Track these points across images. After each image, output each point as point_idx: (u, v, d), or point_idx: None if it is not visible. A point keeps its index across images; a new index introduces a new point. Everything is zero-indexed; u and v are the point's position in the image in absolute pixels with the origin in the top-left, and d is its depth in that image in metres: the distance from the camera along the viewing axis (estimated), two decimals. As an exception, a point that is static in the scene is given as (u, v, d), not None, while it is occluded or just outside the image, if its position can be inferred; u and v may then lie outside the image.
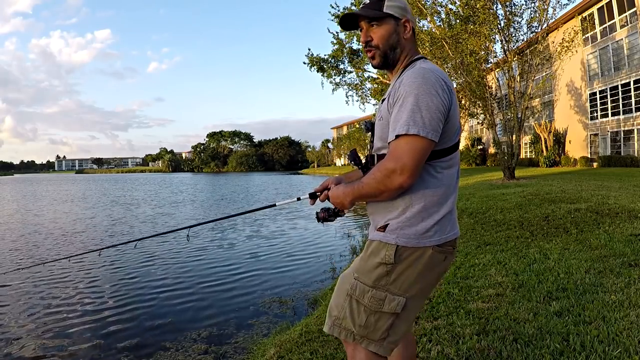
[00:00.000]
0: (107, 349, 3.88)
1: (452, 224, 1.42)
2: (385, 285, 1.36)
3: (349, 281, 1.45)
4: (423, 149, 1.26)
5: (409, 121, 1.25)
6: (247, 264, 7.11)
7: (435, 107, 1.27)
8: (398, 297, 1.36)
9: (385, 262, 1.35)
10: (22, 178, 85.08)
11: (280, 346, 3.10)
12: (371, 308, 1.37)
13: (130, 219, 13.55)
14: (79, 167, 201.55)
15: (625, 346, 2.23)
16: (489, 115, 14.22)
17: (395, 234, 1.35)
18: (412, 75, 1.32)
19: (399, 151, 1.26)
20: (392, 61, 1.47)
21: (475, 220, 6.82)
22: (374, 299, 1.37)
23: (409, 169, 1.25)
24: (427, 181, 1.36)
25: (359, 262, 1.45)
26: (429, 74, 1.31)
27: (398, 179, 1.26)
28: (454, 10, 13.98)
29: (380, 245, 1.38)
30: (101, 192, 29.06)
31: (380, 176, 1.29)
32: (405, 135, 1.26)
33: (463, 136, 37.14)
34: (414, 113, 1.26)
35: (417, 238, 1.34)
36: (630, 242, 4.32)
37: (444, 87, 1.31)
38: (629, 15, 20.54)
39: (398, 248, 1.34)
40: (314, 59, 22.79)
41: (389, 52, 1.46)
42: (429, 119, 1.26)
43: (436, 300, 3.31)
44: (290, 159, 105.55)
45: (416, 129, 1.25)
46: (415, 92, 1.28)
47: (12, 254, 8.27)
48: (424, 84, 1.28)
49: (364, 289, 1.39)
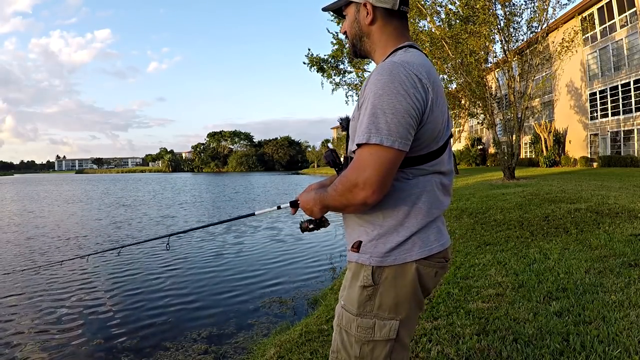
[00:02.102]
0: (107, 349, 3.88)
1: (438, 234, 1.24)
2: (370, 311, 1.20)
3: (338, 310, 1.29)
4: (389, 160, 1.07)
5: (371, 128, 1.07)
6: (247, 264, 7.11)
7: (403, 110, 1.07)
8: (389, 321, 1.19)
9: (365, 285, 1.19)
10: (22, 178, 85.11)
11: (280, 346, 3.10)
12: (361, 338, 1.20)
13: (140, 221, 13.56)
14: (79, 167, 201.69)
15: (625, 346, 2.23)
16: (489, 115, 14.23)
17: (369, 253, 1.20)
18: (378, 72, 1.12)
19: (362, 162, 1.09)
20: (360, 52, 1.33)
21: (475, 220, 6.82)
22: (362, 328, 1.20)
23: (372, 183, 1.07)
24: (401, 190, 1.19)
25: (345, 287, 1.29)
26: (398, 69, 1.10)
27: (361, 194, 1.09)
28: (454, 11, 13.99)
29: (358, 267, 1.22)
30: (104, 193, 29.07)
31: (341, 189, 1.13)
32: (367, 144, 1.08)
33: (463, 136, 37.13)
34: (377, 118, 1.07)
35: (393, 255, 1.18)
36: (630, 242, 4.33)
37: (416, 85, 1.10)
38: (629, 15, 20.55)
39: (374, 268, 1.18)
40: (313, 59, 22.80)
41: (355, 42, 1.32)
42: (396, 124, 1.06)
43: (436, 300, 3.32)
44: (290, 159, 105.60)
45: (379, 137, 1.06)
46: (379, 92, 1.08)
47: (24, 255, 8.28)
48: (391, 82, 1.08)
49: (349, 318, 1.23)
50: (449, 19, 14.45)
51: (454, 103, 22.08)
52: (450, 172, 1.29)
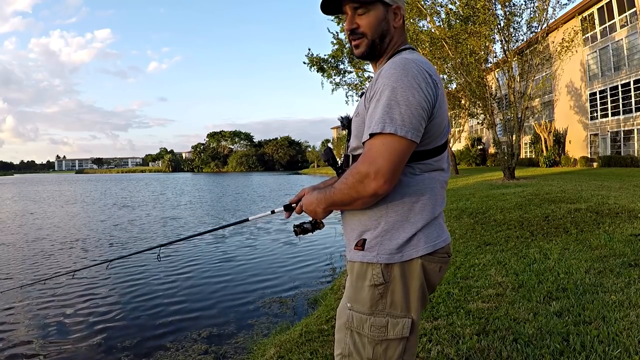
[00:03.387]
0: (107, 349, 3.88)
1: (440, 230, 1.26)
2: (383, 309, 1.19)
3: (344, 313, 1.27)
4: (401, 150, 1.10)
5: (385, 118, 1.10)
6: (247, 264, 7.11)
7: (416, 103, 1.11)
8: (402, 319, 1.19)
9: (375, 284, 1.19)
10: (22, 178, 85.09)
11: (280, 346, 3.10)
12: (375, 338, 1.19)
13: (143, 222, 13.57)
14: (79, 167, 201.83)
15: (625, 346, 2.23)
16: (489, 115, 14.24)
17: (375, 250, 1.20)
18: (391, 66, 1.15)
19: (374, 152, 1.10)
20: (379, 52, 1.32)
21: (475, 220, 6.82)
22: (375, 327, 1.19)
23: (384, 173, 1.09)
24: (407, 186, 1.20)
25: (349, 289, 1.28)
26: (411, 64, 1.15)
27: (372, 185, 1.10)
28: (454, 11, 14.00)
29: (364, 267, 1.21)
30: (107, 194, 29.05)
31: (352, 181, 1.13)
32: (380, 134, 1.10)
33: (463, 136, 37.13)
34: (391, 109, 1.10)
35: (400, 251, 1.19)
36: (630, 242, 4.33)
37: (428, 80, 1.15)
38: (629, 15, 20.54)
39: (383, 266, 1.18)
40: (314, 59, 22.82)
41: (377, 42, 1.30)
42: (409, 116, 1.10)
43: (436, 300, 3.32)
44: (290, 159, 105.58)
45: (393, 127, 1.09)
46: (393, 84, 1.12)
47: (32, 259, 8.28)
48: (405, 76, 1.12)
49: (361, 319, 1.21)
50: (449, 19, 14.46)
51: (454, 103, 22.09)
52: (448, 170, 1.32)
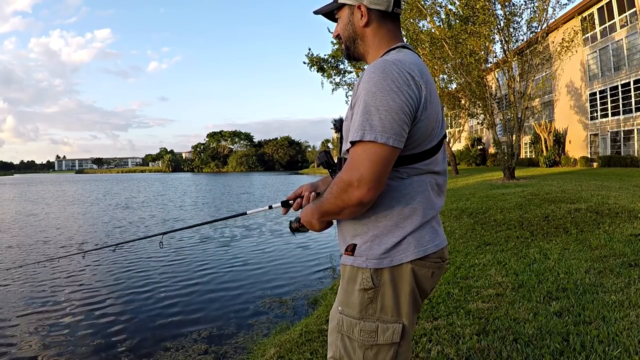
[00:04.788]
0: (107, 349, 3.88)
1: (433, 234, 1.23)
2: (373, 314, 1.18)
3: (336, 316, 1.27)
4: (384, 157, 1.07)
5: (365, 125, 1.07)
6: (247, 264, 7.11)
7: (397, 107, 1.06)
8: (392, 324, 1.18)
9: (365, 288, 1.18)
10: (22, 178, 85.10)
11: (280, 346, 3.10)
12: (365, 343, 1.18)
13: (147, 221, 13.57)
14: (79, 167, 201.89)
15: (625, 346, 2.23)
16: (489, 115, 14.24)
17: (365, 255, 1.19)
18: (371, 70, 1.11)
19: (356, 161, 1.08)
20: (354, 54, 1.33)
21: (475, 220, 6.82)
22: (365, 332, 1.18)
23: (367, 181, 1.06)
24: (396, 190, 1.18)
25: (341, 292, 1.27)
26: (391, 66, 1.10)
27: (356, 193, 1.07)
28: (454, 11, 14.00)
29: (354, 271, 1.21)
30: (108, 194, 29.05)
31: (336, 190, 1.12)
32: (361, 142, 1.07)
33: (463, 136, 37.14)
34: (370, 115, 1.07)
35: (389, 256, 1.17)
36: (630, 242, 4.33)
37: (410, 82, 1.09)
38: (629, 15, 20.55)
39: (372, 271, 1.18)
40: (314, 59, 22.85)
41: (349, 45, 1.32)
42: (390, 121, 1.06)
43: (436, 300, 3.32)
44: (290, 159, 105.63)
45: (373, 134, 1.05)
46: (372, 89, 1.08)
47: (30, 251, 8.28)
48: (384, 79, 1.08)
49: (351, 323, 1.20)
50: (449, 19, 14.47)
51: (454, 103, 22.10)
52: (444, 172, 1.28)
